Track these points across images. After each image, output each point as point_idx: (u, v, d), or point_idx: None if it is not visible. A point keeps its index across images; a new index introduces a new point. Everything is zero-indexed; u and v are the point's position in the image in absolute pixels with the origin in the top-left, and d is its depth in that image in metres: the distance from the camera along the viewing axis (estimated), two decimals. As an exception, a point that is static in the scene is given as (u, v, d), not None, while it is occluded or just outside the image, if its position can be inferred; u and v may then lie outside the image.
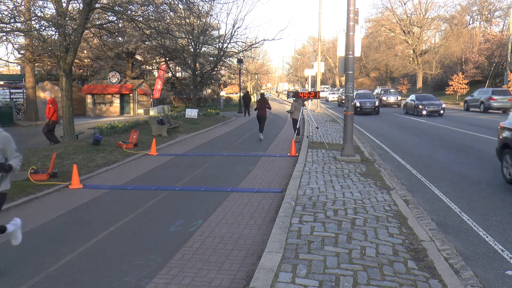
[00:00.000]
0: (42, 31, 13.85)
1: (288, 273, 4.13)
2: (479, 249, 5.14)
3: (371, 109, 27.97)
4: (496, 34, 47.28)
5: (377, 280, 4.01)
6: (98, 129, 16.32)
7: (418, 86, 54.18)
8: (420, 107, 26.18)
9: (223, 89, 58.28)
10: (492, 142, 11.80)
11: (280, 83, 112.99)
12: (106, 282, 4.29)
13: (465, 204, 6.95)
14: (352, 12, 10.40)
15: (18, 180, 8.72)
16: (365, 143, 14.08)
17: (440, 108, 26.13)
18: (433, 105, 26.27)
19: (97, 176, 9.67)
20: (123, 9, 15.63)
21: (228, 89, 63.64)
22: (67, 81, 13.70)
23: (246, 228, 5.84)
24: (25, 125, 24.29)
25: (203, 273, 4.44)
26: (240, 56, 33.90)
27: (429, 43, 61.16)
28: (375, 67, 70.61)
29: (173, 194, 7.84)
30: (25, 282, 4.34)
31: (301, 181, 8.21)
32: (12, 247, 4.90)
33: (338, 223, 5.63)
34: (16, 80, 36.25)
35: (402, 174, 9.36)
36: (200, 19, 27.88)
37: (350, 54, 10.53)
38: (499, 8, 54.13)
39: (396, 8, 58.32)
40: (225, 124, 23.73)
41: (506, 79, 37.40)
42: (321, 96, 57.80)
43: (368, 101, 28.32)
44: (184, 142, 15.85)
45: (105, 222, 6.24)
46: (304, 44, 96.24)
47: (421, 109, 26.04)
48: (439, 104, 26.55)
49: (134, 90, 33.69)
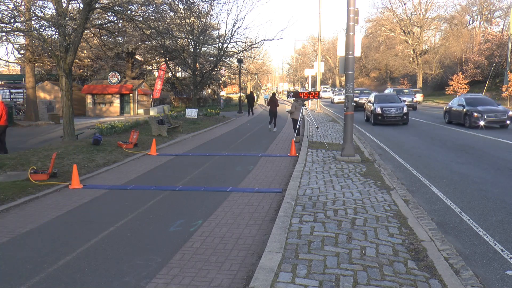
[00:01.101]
0: (42, 31, 13.85)
1: (288, 273, 4.13)
2: (479, 249, 5.14)
3: (398, 118, 20.42)
4: (496, 34, 47.30)
5: (377, 280, 4.01)
6: (98, 129, 16.32)
7: (418, 86, 54.15)
8: (475, 115, 18.34)
9: (223, 89, 58.33)
10: None
11: (280, 83, 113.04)
12: (106, 282, 4.29)
13: (465, 204, 6.95)
14: (352, 12, 10.40)
15: (18, 180, 8.72)
16: (365, 143, 14.08)
17: (507, 117, 18.19)
18: (494, 112, 18.33)
19: (97, 176, 9.67)
20: (123, 9, 15.63)
21: (228, 89, 63.70)
22: (67, 81, 13.70)
23: (246, 228, 5.84)
24: (25, 125, 24.28)
25: (203, 273, 4.44)
26: (240, 56, 33.92)
27: (429, 43, 61.17)
28: (375, 67, 70.60)
29: (173, 194, 7.84)
30: (25, 282, 4.34)
31: (301, 181, 8.21)
32: (12, 247, 4.90)
33: (338, 223, 5.63)
34: (16, 80, 36.28)
35: (402, 174, 9.36)
36: (200, 19, 27.89)
37: (350, 54, 10.53)
38: (499, 8, 54.18)
39: (396, 8, 58.36)
40: (225, 124, 23.73)
41: (506, 79, 37.38)
42: (323, 96, 57.66)
43: (393, 106, 20.70)
44: (184, 142, 15.85)
45: (105, 222, 6.24)
46: (304, 44, 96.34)
47: (477, 119, 18.23)
48: (504, 111, 18.59)
49: (134, 90, 33.70)
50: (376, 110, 20.68)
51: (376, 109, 20.69)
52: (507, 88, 35.97)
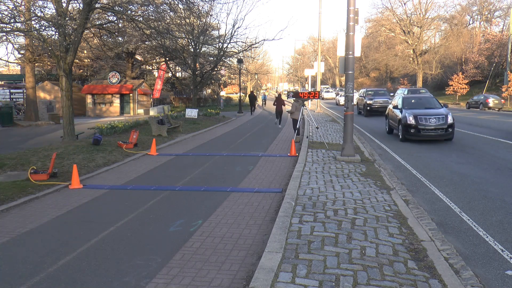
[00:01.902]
0: (42, 31, 13.85)
1: (288, 273, 4.13)
2: (479, 249, 5.14)
3: (440, 131, 13.79)
4: (496, 34, 47.31)
5: (377, 280, 4.01)
6: (98, 129, 16.32)
7: (418, 86, 54.14)
8: None
9: (223, 89, 58.33)
10: None
11: (280, 83, 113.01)
12: (106, 282, 4.29)
13: (465, 204, 6.95)
14: (352, 12, 10.40)
15: (18, 180, 8.73)
16: (365, 143, 14.08)
17: None
18: None
19: (97, 176, 9.67)
20: (123, 9, 15.63)
21: (228, 89, 63.70)
22: (67, 81, 13.70)
23: (246, 228, 5.84)
24: (25, 125, 24.28)
25: (203, 273, 4.44)
26: (240, 56, 33.91)
27: (429, 43, 61.13)
28: (375, 67, 70.61)
29: (173, 194, 7.84)
30: (25, 282, 4.34)
31: (301, 181, 8.21)
32: (12, 247, 4.90)
33: (338, 223, 5.63)
34: (16, 80, 36.29)
35: (402, 174, 9.36)
36: (200, 19, 27.88)
37: (350, 54, 10.53)
38: (499, 8, 54.22)
39: (396, 8, 58.27)
40: (225, 124, 23.73)
41: (506, 79, 37.39)
42: (326, 97, 56.85)
43: (434, 115, 14.01)
44: (184, 142, 15.85)
45: (105, 222, 6.24)
46: (304, 44, 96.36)
47: None
48: None
49: (134, 90, 33.70)
50: (407, 119, 14.15)
51: (407, 118, 14.15)
52: (507, 88, 35.96)
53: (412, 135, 14.13)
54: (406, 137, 14.40)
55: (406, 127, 14.26)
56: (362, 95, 29.72)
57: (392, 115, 16.29)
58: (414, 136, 14.09)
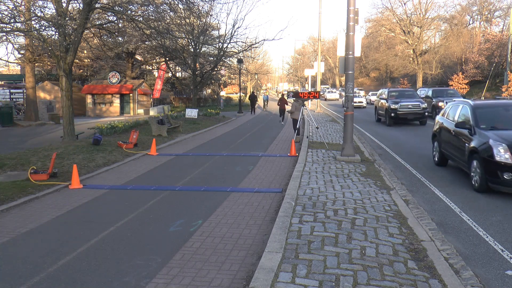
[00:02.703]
0: (42, 31, 13.85)
1: (288, 273, 4.13)
2: (479, 249, 5.14)
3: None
4: (496, 34, 47.28)
5: (377, 280, 4.01)
6: (98, 129, 16.33)
7: (418, 86, 54.15)
8: None
9: (223, 89, 58.32)
10: None
11: (280, 83, 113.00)
12: (106, 282, 4.29)
13: (465, 204, 6.95)
14: (352, 12, 10.40)
15: (18, 180, 8.73)
16: (365, 143, 14.08)
17: None
18: None
19: (97, 176, 9.67)
20: (123, 9, 15.63)
21: (228, 89, 63.68)
22: (67, 81, 13.70)
23: (246, 228, 5.84)
24: (25, 125, 24.28)
25: (203, 273, 4.44)
26: (240, 56, 33.91)
27: (429, 43, 61.15)
28: (375, 67, 70.62)
29: (173, 194, 7.84)
30: (25, 282, 4.34)
31: (301, 181, 8.21)
32: (12, 247, 4.90)
33: (338, 223, 5.63)
34: (16, 80, 36.27)
35: (402, 174, 9.36)
36: (200, 19, 27.87)
37: (350, 54, 10.53)
38: (499, 8, 54.17)
39: (396, 8, 58.31)
40: (225, 124, 23.73)
41: (506, 79, 37.39)
42: (329, 98, 55.85)
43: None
44: (184, 142, 15.85)
45: (105, 222, 6.24)
46: (304, 44, 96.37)
47: None
48: None
49: (134, 90, 33.70)
50: (488, 149, 7.45)
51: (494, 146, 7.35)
52: (507, 88, 35.96)
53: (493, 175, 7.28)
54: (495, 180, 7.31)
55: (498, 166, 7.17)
56: (382, 96, 22.78)
57: (450, 137, 9.43)
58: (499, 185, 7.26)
